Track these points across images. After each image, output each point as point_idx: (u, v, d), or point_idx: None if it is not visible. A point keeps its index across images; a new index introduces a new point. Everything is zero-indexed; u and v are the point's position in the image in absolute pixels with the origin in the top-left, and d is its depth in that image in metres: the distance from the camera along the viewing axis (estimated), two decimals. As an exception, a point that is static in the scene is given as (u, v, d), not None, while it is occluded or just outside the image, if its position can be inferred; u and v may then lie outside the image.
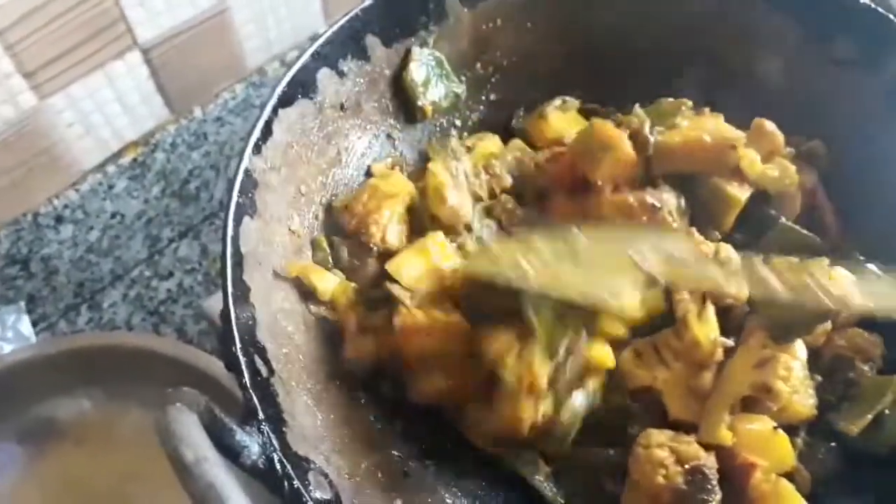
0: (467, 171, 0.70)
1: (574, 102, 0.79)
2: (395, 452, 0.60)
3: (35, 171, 0.94)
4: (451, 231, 0.67)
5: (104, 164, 1.01)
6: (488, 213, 0.71)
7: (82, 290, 1.05)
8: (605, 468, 0.64)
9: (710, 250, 0.64)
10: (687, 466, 0.59)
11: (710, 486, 0.59)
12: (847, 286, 0.63)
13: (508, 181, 0.73)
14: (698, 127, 0.71)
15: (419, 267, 0.64)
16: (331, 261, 0.66)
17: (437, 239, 0.66)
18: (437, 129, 0.79)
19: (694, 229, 0.68)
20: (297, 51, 1.12)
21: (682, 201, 0.70)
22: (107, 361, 0.89)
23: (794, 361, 0.62)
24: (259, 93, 1.10)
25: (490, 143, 0.76)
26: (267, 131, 0.61)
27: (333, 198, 0.69)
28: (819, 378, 0.66)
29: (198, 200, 1.11)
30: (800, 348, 0.63)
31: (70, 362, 0.89)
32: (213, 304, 0.81)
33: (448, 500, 0.60)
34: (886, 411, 0.64)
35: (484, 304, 0.61)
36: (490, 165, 0.72)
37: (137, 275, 1.07)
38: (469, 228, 0.68)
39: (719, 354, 0.63)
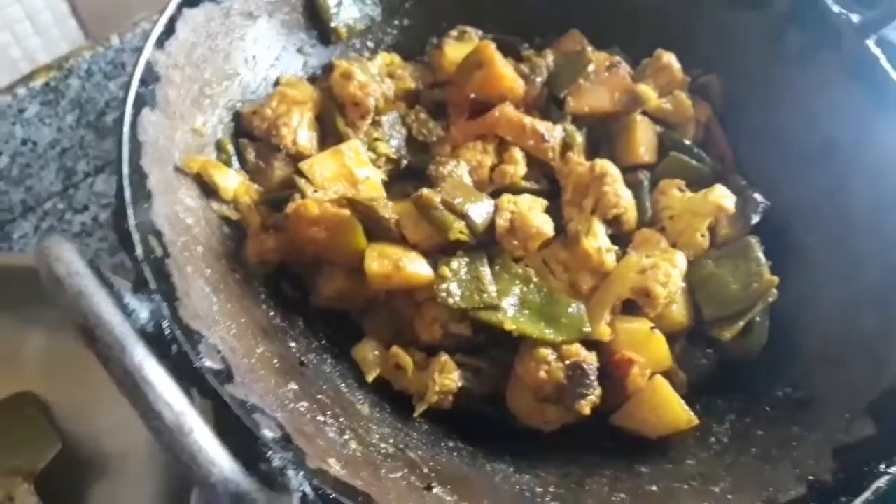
0: (373, 73, 0.72)
1: (474, 33, 0.82)
2: (292, 345, 0.62)
3: (-61, 88, 0.91)
4: (359, 118, 0.69)
5: (14, 87, 0.98)
6: (403, 121, 0.73)
7: (-10, 220, 1.02)
8: (495, 370, 0.67)
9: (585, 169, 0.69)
10: (568, 363, 0.63)
11: (588, 381, 0.63)
12: (723, 200, 0.68)
13: (412, 84, 0.76)
14: (607, 85, 0.76)
15: (332, 168, 0.67)
16: (235, 162, 0.67)
17: (352, 145, 0.69)
18: (351, 50, 0.80)
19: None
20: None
21: (580, 137, 0.75)
22: (12, 283, 0.86)
23: (673, 270, 0.66)
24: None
25: (390, 58, 0.79)
26: (170, 28, 0.62)
27: (240, 104, 0.70)
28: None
29: (115, 134, 1.09)
30: (680, 258, 0.68)
31: None
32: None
33: (344, 390, 0.62)
34: (757, 318, 0.69)
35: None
36: (393, 72, 0.75)
37: (51, 207, 1.05)
38: (379, 124, 0.70)
39: (609, 262, 0.67)
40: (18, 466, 0.75)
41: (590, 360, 0.63)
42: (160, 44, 0.60)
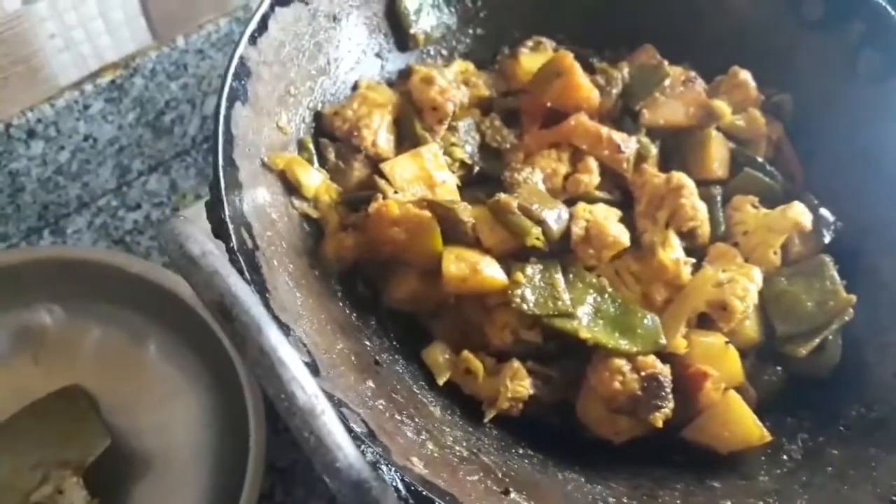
0: (449, 79, 0.73)
1: (549, 43, 0.82)
2: (367, 343, 0.62)
3: (12, 80, 0.92)
4: (437, 122, 0.70)
5: (81, 83, 1.00)
6: (477, 127, 0.74)
7: (47, 213, 1.04)
8: (565, 379, 0.66)
9: (660, 181, 0.69)
10: (643, 374, 0.63)
11: (663, 394, 0.62)
12: (801, 217, 0.68)
13: (486, 91, 0.77)
14: (682, 100, 0.77)
15: (412, 171, 0.68)
16: (315, 161, 0.68)
17: (431, 149, 0.70)
18: (426, 56, 0.81)
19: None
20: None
21: (654, 149, 0.75)
22: (70, 276, 0.87)
23: (751, 284, 0.66)
24: (242, 29, 1.10)
25: (465, 65, 0.81)
26: (263, 25, 0.63)
27: (321, 105, 0.72)
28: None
29: (171, 135, 1.11)
30: (757, 274, 0.67)
31: (32, 275, 0.86)
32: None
33: (416, 391, 0.62)
34: (830, 337, 0.68)
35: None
36: (468, 79, 0.76)
37: (105, 203, 1.07)
38: (454, 130, 0.71)
39: (685, 275, 0.67)
40: (68, 459, 0.76)
41: (665, 372, 0.63)
42: (253, 40, 0.62)
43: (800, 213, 0.70)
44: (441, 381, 0.64)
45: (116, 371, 0.85)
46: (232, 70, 0.59)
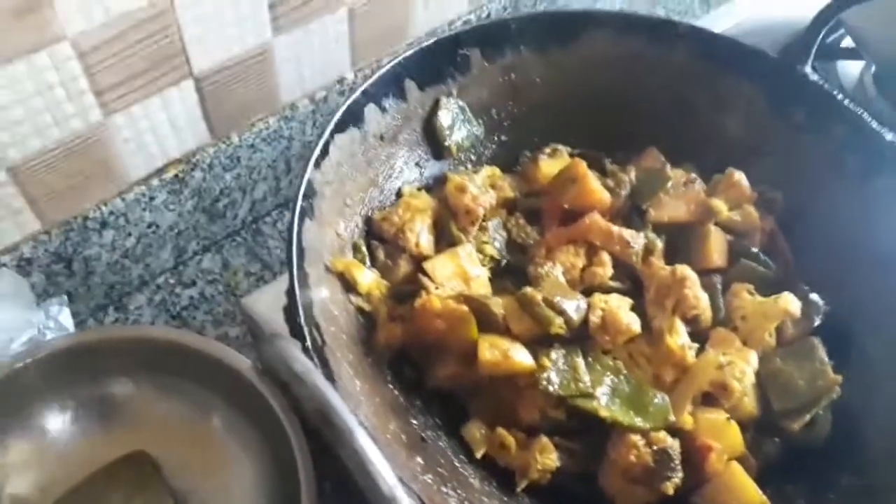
0: (479, 184, 0.84)
1: (564, 149, 0.94)
2: (413, 422, 0.72)
3: (91, 179, 1.04)
4: (470, 224, 0.80)
5: (149, 178, 1.11)
6: (504, 225, 0.84)
7: (112, 292, 1.14)
8: (587, 452, 0.75)
9: (666, 273, 0.78)
10: (655, 448, 0.72)
11: (673, 465, 0.71)
12: (791, 306, 0.77)
13: (510, 193, 0.88)
14: (684, 199, 0.87)
15: (450, 268, 0.78)
16: (367, 261, 0.79)
17: (466, 249, 0.80)
18: (458, 163, 0.93)
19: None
20: (324, 91, 1.25)
21: (660, 243, 0.85)
22: (138, 352, 0.95)
23: (747, 367, 0.75)
24: (289, 125, 1.22)
25: (492, 170, 0.92)
26: (325, 151, 0.74)
27: (371, 211, 0.83)
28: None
29: (224, 218, 1.22)
30: (753, 357, 0.77)
31: (104, 352, 0.94)
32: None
33: (457, 465, 0.71)
34: (820, 412, 0.77)
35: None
36: (495, 182, 0.87)
37: (163, 281, 1.17)
38: (485, 229, 0.81)
39: (690, 358, 0.76)
40: (136, 523, 0.84)
41: (674, 446, 0.72)
42: (317, 164, 0.73)
43: (790, 301, 0.79)
44: (479, 455, 0.73)
45: (180, 440, 0.93)
46: (301, 192, 0.70)
